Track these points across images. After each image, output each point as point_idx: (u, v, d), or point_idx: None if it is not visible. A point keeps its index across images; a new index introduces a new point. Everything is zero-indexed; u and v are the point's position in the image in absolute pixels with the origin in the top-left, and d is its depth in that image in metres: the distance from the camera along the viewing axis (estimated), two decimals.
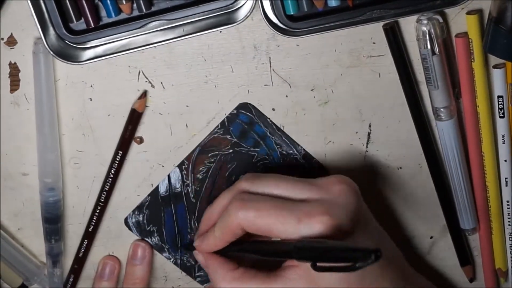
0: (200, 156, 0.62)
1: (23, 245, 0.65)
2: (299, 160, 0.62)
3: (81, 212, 0.63)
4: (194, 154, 0.62)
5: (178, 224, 0.64)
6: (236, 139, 0.62)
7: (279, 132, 0.61)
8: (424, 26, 0.57)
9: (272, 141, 0.62)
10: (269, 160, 0.62)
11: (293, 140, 0.62)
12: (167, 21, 0.57)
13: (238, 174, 0.62)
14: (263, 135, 0.62)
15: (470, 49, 0.58)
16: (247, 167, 0.62)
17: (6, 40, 0.59)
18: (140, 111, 0.60)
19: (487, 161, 0.61)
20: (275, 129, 0.61)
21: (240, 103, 0.61)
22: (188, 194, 0.63)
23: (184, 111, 0.61)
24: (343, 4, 0.57)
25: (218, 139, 0.62)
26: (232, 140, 0.62)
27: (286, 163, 0.62)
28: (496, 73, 0.59)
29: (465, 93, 0.59)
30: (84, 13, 0.56)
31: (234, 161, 0.62)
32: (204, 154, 0.62)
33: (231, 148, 0.62)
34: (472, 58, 0.58)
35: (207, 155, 0.62)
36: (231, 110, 0.61)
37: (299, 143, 0.62)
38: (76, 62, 0.57)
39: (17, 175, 0.62)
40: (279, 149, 0.62)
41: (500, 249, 0.63)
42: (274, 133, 0.61)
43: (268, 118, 0.61)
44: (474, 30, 0.58)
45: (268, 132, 0.61)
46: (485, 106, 0.60)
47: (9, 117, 0.61)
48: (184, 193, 0.63)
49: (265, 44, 0.59)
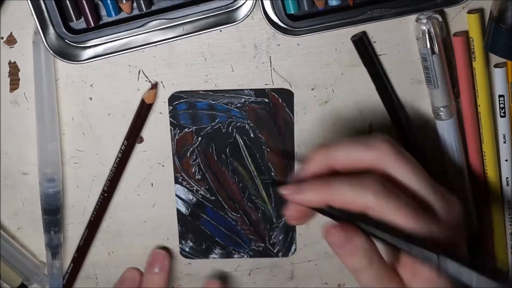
0: (182, 161, 0.62)
1: (22, 245, 0.65)
2: (257, 99, 0.61)
3: (81, 211, 0.63)
4: (176, 164, 0.62)
5: (221, 224, 0.64)
6: (193, 126, 0.61)
7: (219, 93, 0.60)
8: (424, 25, 0.57)
9: (221, 104, 0.61)
10: (235, 120, 0.61)
11: (232, 90, 0.60)
12: (167, 20, 0.57)
13: (223, 150, 0.62)
14: (209, 106, 0.61)
15: (471, 48, 0.58)
16: (224, 139, 0.62)
17: (5, 39, 0.59)
18: (148, 102, 0.60)
19: (488, 161, 0.61)
20: (213, 93, 0.60)
21: (169, 98, 0.60)
22: (205, 197, 0.63)
23: None
24: (344, 3, 0.57)
25: (182, 138, 0.61)
26: (191, 129, 0.61)
27: (252, 110, 0.61)
28: (497, 72, 0.59)
29: (464, 92, 0.59)
30: (84, 12, 0.56)
31: (211, 142, 0.62)
32: (184, 158, 0.62)
33: (198, 136, 0.62)
34: (473, 57, 0.58)
35: (187, 156, 0.62)
36: (168, 110, 0.60)
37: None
38: (76, 61, 0.57)
39: (17, 175, 0.62)
40: (232, 106, 0.61)
41: (501, 249, 0.63)
42: (216, 98, 0.61)
43: (199, 90, 0.60)
44: (475, 29, 0.58)
45: (211, 100, 0.61)
46: (486, 106, 0.60)
47: (9, 116, 0.61)
48: (201, 199, 0.63)
49: (265, 43, 0.59)
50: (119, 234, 0.64)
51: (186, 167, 0.62)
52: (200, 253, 0.65)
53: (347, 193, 0.50)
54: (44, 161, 0.60)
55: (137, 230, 0.64)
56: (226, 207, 0.63)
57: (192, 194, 0.63)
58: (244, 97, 0.61)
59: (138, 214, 0.64)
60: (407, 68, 0.60)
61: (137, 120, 0.60)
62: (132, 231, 0.64)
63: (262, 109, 0.61)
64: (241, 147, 0.62)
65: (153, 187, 0.63)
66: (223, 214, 0.64)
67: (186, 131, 0.61)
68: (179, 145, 0.62)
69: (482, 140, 0.60)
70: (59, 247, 0.63)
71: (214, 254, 0.64)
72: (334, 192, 0.50)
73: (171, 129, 0.61)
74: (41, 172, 0.61)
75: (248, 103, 0.61)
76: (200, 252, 0.65)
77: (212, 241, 0.64)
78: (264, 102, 0.61)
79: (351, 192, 0.50)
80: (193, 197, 0.63)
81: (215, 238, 0.64)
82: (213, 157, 0.62)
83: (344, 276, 0.65)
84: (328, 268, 0.65)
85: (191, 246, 0.64)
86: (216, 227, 0.64)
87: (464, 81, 0.59)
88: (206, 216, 0.64)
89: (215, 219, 0.64)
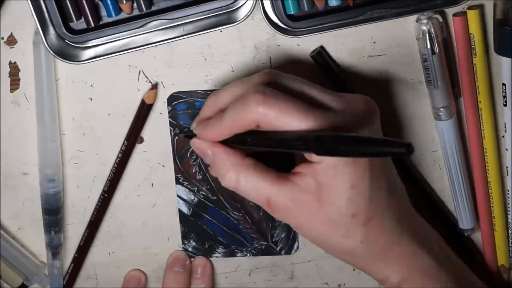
0: (182, 162, 0.62)
1: (23, 245, 0.65)
2: None
3: (81, 211, 0.63)
4: (177, 164, 0.62)
5: (223, 223, 0.64)
6: (176, 132, 0.61)
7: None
8: (424, 25, 0.57)
9: None
10: None
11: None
12: (168, 20, 0.57)
13: None
14: None
15: (472, 45, 0.58)
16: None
17: (6, 39, 0.59)
18: (149, 103, 0.60)
19: (489, 157, 0.61)
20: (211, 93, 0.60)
21: (168, 98, 0.60)
22: (206, 196, 0.63)
23: None
24: (344, 4, 0.57)
25: (181, 138, 0.61)
26: None
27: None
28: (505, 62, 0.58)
29: (465, 80, 0.59)
30: (84, 12, 0.56)
31: None
32: (185, 158, 0.62)
33: None
34: (473, 54, 0.58)
35: (187, 156, 0.62)
36: (168, 110, 0.61)
37: None
38: (76, 61, 0.57)
39: (17, 175, 0.62)
40: None
41: (503, 245, 0.63)
42: None
43: (198, 90, 0.60)
44: (475, 25, 0.57)
45: None
46: (486, 102, 0.59)
47: (9, 116, 0.61)
48: (203, 199, 0.63)
49: (265, 44, 0.59)
50: (119, 235, 0.64)
51: (186, 168, 0.62)
52: (203, 252, 0.64)
53: (235, 114, 0.51)
54: (44, 161, 0.60)
55: (137, 230, 0.64)
56: (228, 206, 0.63)
57: (193, 194, 0.63)
58: None
59: (138, 214, 0.64)
60: (407, 68, 0.60)
61: (137, 120, 0.60)
62: (132, 231, 0.64)
63: None
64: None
65: (153, 187, 0.63)
66: (225, 214, 0.63)
67: (185, 130, 0.61)
68: (179, 146, 0.62)
69: (483, 136, 0.60)
70: (60, 247, 0.63)
71: (217, 253, 0.64)
72: (228, 119, 0.52)
73: (171, 130, 0.61)
74: (41, 173, 0.61)
75: None
76: (203, 251, 0.64)
77: (214, 240, 0.64)
78: None
79: (238, 113, 0.51)
80: (195, 197, 0.63)
81: (217, 238, 0.64)
82: None
83: (344, 276, 0.65)
84: (328, 268, 0.65)
85: (194, 246, 0.64)
86: (219, 227, 0.64)
87: (465, 63, 0.58)
88: (208, 216, 0.63)
89: (217, 219, 0.64)
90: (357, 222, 0.52)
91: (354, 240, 0.52)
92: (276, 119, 0.50)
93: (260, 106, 0.50)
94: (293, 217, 0.53)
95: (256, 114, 0.50)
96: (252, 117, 0.50)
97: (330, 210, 0.51)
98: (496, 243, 0.63)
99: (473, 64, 0.59)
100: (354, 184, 0.51)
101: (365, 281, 0.64)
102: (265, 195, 0.52)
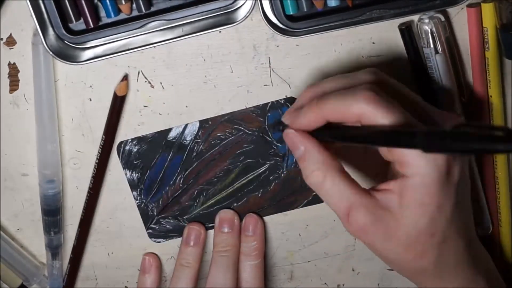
0: (226, 123, 0.61)
1: (22, 246, 0.65)
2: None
3: (80, 212, 0.63)
4: (223, 118, 0.61)
5: (166, 172, 0.63)
6: (267, 126, 0.61)
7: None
8: (426, 25, 0.57)
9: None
10: (280, 161, 0.62)
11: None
12: (167, 21, 0.57)
13: (249, 156, 0.62)
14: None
15: (485, 38, 0.57)
16: (260, 155, 0.62)
17: (5, 40, 0.59)
18: (120, 95, 0.59)
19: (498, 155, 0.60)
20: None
21: (290, 97, 0.60)
22: (192, 150, 0.62)
23: (183, 111, 0.61)
24: (343, 4, 0.57)
25: (252, 117, 0.61)
26: (262, 125, 0.61)
27: (291, 173, 0.62)
28: None
29: (476, 68, 0.58)
30: (84, 13, 0.56)
31: (252, 144, 0.62)
32: (231, 123, 0.61)
33: (257, 131, 0.62)
34: (486, 47, 0.58)
35: (233, 125, 0.61)
36: (275, 99, 0.60)
37: None
38: (75, 62, 0.57)
39: (16, 176, 0.62)
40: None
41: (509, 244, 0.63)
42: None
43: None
44: (489, 19, 0.57)
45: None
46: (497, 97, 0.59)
47: (9, 117, 0.61)
48: (189, 148, 0.62)
49: (264, 44, 0.59)
50: (118, 235, 0.65)
51: (220, 126, 0.61)
52: (124, 162, 0.62)
53: (340, 104, 0.49)
54: (43, 162, 0.60)
55: (136, 231, 0.64)
56: (185, 173, 0.63)
57: (192, 138, 0.62)
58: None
59: (137, 215, 0.64)
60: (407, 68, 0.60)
61: (112, 114, 0.60)
62: (131, 232, 0.64)
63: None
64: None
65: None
66: (177, 173, 0.63)
67: (261, 119, 0.61)
68: (243, 116, 0.61)
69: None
70: (59, 248, 0.63)
71: (128, 171, 0.62)
72: (329, 106, 0.50)
73: (260, 106, 0.60)
74: (40, 173, 0.61)
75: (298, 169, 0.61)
76: (125, 161, 0.62)
77: (143, 169, 0.62)
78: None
79: (343, 103, 0.49)
80: (189, 141, 0.62)
81: (147, 170, 0.62)
82: (237, 150, 0.62)
83: (343, 277, 0.65)
84: (328, 269, 0.65)
85: (131, 151, 0.62)
86: (160, 170, 0.62)
87: (477, 56, 0.58)
88: (171, 157, 0.62)
89: (170, 167, 0.62)
90: (434, 241, 0.50)
91: (427, 260, 0.51)
92: (379, 120, 0.48)
93: (370, 104, 0.48)
94: (369, 234, 0.50)
95: (363, 110, 0.48)
96: (357, 111, 0.48)
97: (408, 229, 0.49)
98: (504, 242, 0.63)
99: (485, 58, 0.58)
100: (440, 204, 0.49)
101: (364, 281, 0.65)
102: (347, 203, 0.50)
